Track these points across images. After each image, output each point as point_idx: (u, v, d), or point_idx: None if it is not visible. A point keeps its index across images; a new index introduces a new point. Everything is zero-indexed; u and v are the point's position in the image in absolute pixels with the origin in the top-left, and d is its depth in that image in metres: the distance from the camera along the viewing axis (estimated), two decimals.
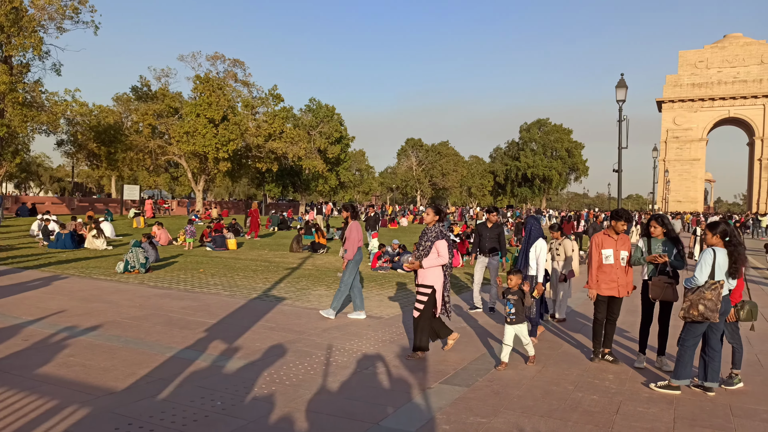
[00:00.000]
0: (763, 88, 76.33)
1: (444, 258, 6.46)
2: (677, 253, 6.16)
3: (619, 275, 6.40)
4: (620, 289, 6.40)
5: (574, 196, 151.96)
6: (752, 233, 40.87)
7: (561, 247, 9.06)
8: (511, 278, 6.27)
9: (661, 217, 6.37)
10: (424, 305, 6.46)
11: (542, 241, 7.35)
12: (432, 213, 6.65)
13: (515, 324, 6.13)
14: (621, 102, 21.90)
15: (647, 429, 4.47)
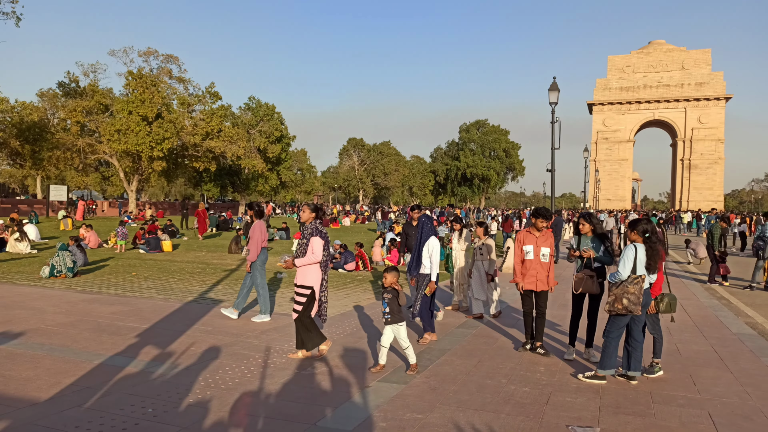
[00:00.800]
0: (684, 93, 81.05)
1: (317, 256, 6.26)
2: (604, 249, 6.43)
3: (538, 270, 6.66)
4: (538, 283, 6.65)
5: (512, 195, 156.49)
6: (675, 229, 43.35)
7: (484, 246, 9.09)
8: (386, 276, 6.04)
9: (589, 215, 6.64)
10: (302, 306, 6.29)
11: (435, 239, 7.21)
12: (308, 210, 6.50)
13: (392, 324, 5.89)
14: (553, 104, 22.69)
15: (574, 418, 4.68)
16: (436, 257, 7.13)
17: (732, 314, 9.77)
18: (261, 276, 8.50)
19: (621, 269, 5.57)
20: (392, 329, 5.89)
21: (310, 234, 6.34)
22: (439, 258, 7.31)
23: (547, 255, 6.69)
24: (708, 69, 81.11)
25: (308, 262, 6.29)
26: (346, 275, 14.17)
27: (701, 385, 5.64)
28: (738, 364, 6.46)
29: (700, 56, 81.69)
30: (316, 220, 6.49)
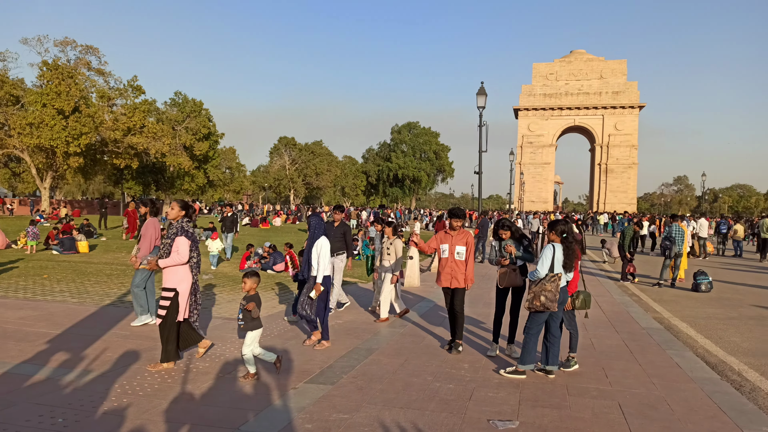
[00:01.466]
0: (602, 101, 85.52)
1: (183, 256, 5.88)
2: (524, 249, 6.72)
3: (453, 268, 6.81)
4: (453, 281, 6.80)
5: (442, 196, 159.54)
6: (592, 230, 45.71)
7: (392, 246, 8.98)
8: (245, 282, 5.65)
9: (504, 222, 6.89)
10: (166, 311, 5.86)
11: (324, 239, 6.99)
12: (177, 207, 6.07)
13: (249, 331, 5.53)
14: (481, 108, 23.33)
15: (495, 412, 4.83)
16: (324, 258, 6.85)
17: (641, 310, 10.40)
18: (141, 276, 8.00)
19: (540, 268, 5.81)
20: (252, 336, 5.54)
21: (175, 233, 5.91)
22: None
23: (463, 253, 6.82)
24: (624, 79, 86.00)
25: (173, 263, 5.88)
26: (274, 276, 13.95)
27: (613, 378, 5.97)
28: (646, 357, 6.89)
29: (616, 66, 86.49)
30: (185, 219, 6.08)
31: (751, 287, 14.01)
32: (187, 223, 6.07)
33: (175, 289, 5.91)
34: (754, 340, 8.07)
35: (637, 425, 4.60)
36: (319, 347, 6.93)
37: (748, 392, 5.65)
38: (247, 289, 5.68)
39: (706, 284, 12.91)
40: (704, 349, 7.49)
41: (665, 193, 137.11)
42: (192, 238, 6.02)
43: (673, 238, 13.94)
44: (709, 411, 4.97)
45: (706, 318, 9.79)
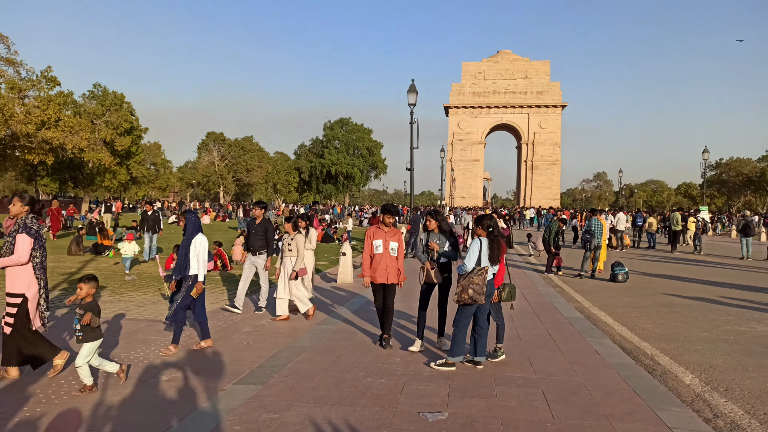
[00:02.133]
0: (528, 100, 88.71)
1: (22, 256, 5.26)
2: (450, 245, 6.77)
3: (388, 264, 6.84)
4: (389, 276, 6.83)
5: (375, 192, 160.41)
6: (519, 224, 47.37)
7: (293, 242, 8.61)
8: (81, 287, 5.17)
9: (435, 213, 6.96)
10: (14, 318, 5.29)
11: (201, 236, 6.68)
12: (19, 203, 5.45)
13: (86, 342, 5.04)
14: (412, 105, 23.59)
15: (426, 404, 4.91)
16: (203, 256, 6.57)
17: (564, 300, 10.88)
18: None
19: (467, 262, 5.95)
20: (89, 347, 5.05)
21: (16, 230, 5.33)
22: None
23: (396, 249, 6.89)
24: (547, 79, 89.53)
25: (11, 264, 5.27)
26: None
27: (537, 366, 6.21)
28: (568, 345, 7.21)
29: (540, 67, 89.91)
30: (29, 215, 5.47)
31: (662, 277, 14.96)
32: (32, 219, 5.45)
33: (22, 293, 5.32)
34: (665, 327, 8.62)
35: (559, 410, 4.81)
36: (198, 347, 6.67)
37: (660, 375, 6.03)
38: (82, 295, 5.15)
39: (623, 275, 13.67)
40: (621, 336, 7.92)
41: (586, 188, 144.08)
42: (35, 236, 5.38)
43: (593, 231, 14.67)
44: (625, 394, 5.27)
45: (622, 306, 10.37)
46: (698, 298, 11.28)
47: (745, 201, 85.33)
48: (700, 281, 14.08)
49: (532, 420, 4.58)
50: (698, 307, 10.25)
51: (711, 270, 16.93)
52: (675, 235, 24.60)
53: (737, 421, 4.69)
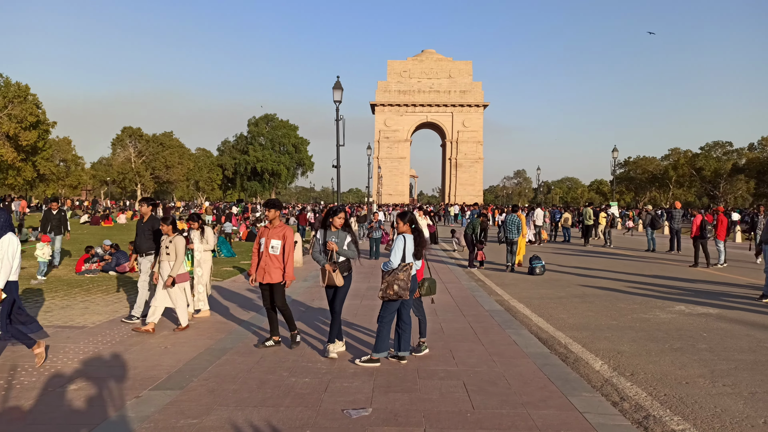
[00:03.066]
0: (451, 99, 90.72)
1: None
2: (350, 243, 6.40)
3: (267, 263, 6.61)
4: (266, 276, 6.59)
5: (302, 190, 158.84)
6: (443, 221, 48.44)
7: (172, 245, 7.64)
8: None
9: (339, 209, 6.51)
10: None
11: (11, 236, 5.79)
12: None
13: None
14: (338, 102, 23.53)
15: (350, 401, 4.91)
16: (8, 260, 5.67)
17: (486, 294, 11.23)
18: None
19: (393, 258, 6.01)
20: None
21: None
22: None
23: (278, 247, 6.61)
24: (470, 79, 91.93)
25: None
26: (118, 278, 12.89)
27: (459, 358, 6.37)
28: (488, 337, 7.45)
29: (463, 67, 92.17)
30: None
31: (576, 269, 15.77)
32: None
33: None
34: (578, 316, 9.08)
35: (479, 401, 4.95)
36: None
37: (572, 363, 6.35)
38: None
39: (540, 268, 14.28)
40: (537, 327, 8.27)
41: (507, 185, 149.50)
42: None
43: (509, 226, 15.24)
44: (540, 382, 5.51)
45: (539, 298, 10.83)
46: (608, 289, 11.98)
47: (651, 197, 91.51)
48: (610, 272, 14.96)
49: (453, 411, 4.69)
50: (608, 297, 10.88)
51: (620, 262, 18.03)
52: (587, 229, 26.01)
53: (641, 403, 5.01)
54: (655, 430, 4.40)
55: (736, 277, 14.26)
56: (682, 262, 17.83)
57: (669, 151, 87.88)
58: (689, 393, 5.27)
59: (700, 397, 5.14)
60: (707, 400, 5.08)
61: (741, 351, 6.81)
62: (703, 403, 5.00)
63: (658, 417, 4.65)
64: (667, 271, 15.53)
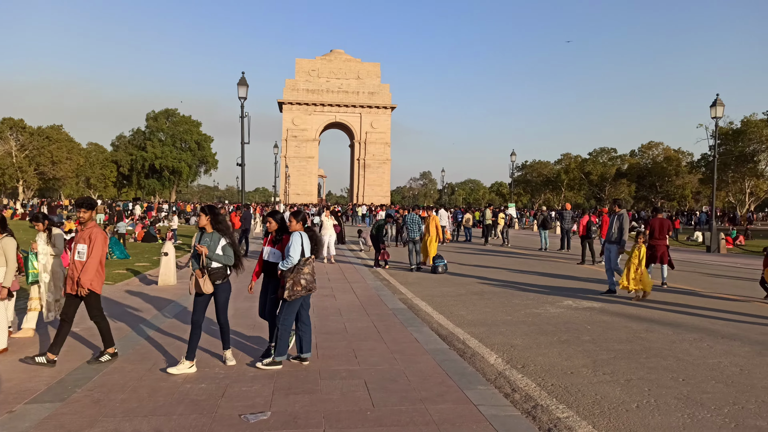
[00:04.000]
0: (360, 100, 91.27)
1: None
2: (225, 245, 5.88)
3: (73, 270, 5.94)
4: (73, 285, 5.91)
5: (205, 188, 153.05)
6: (351, 221, 48.65)
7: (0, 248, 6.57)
8: None
9: (210, 208, 6.05)
10: None
11: None
12: None
13: None
14: (243, 99, 22.95)
15: (248, 406, 4.79)
16: None
17: (390, 293, 11.39)
18: None
19: (293, 255, 5.87)
20: None
21: None
22: None
23: (84, 253, 5.92)
24: (378, 80, 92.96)
25: None
26: None
27: (361, 357, 6.41)
28: (390, 335, 7.56)
29: (371, 69, 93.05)
30: None
31: (476, 267, 16.41)
32: None
33: None
34: (476, 313, 9.45)
35: (379, 398, 5.01)
36: None
37: (469, 357, 6.59)
38: None
39: (443, 266, 14.72)
40: (438, 324, 8.51)
41: (413, 186, 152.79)
42: None
43: (410, 226, 15.60)
44: (439, 378, 5.67)
45: (441, 296, 11.15)
46: (504, 285, 12.57)
47: (545, 198, 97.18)
48: (507, 270, 15.71)
49: (353, 410, 4.71)
50: (504, 294, 11.42)
51: (516, 260, 18.99)
52: (486, 228, 27.17)
53: (530, 394, 5.30)
54: (542, 418, 4.67)
55: None
56: (571, 259, 19.09)
57: (561, 156, 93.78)
58: (573, 382, 5.65)
59: (583, 386, 5.53)
60: (589, 388, 5.47)
61: (620, 342, 7.39)
62: (585, 391, 5.38)
63: (545, 406, 4.94)
64: (558, 268, 16.55)
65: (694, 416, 4.73)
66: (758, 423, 4.59)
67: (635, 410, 4.86)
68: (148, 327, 7.92)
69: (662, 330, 8.09)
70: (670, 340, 7.46)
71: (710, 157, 46.51)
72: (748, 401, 5.10)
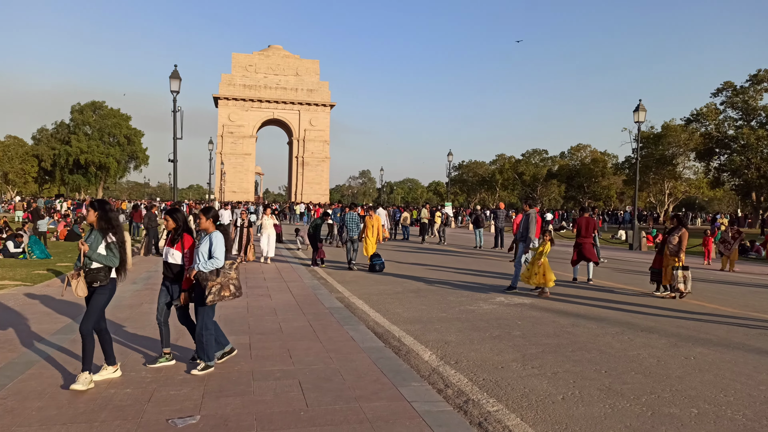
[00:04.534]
0: (298, 97, 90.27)
1: None
2: (106, 246, 5.34)
3: None
4: None
5: (135, 185, 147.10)
6: (289, 219, 48.07)
7: None
8: None
9: (99, 203, 5.55)
10: None
11: None
12: None
13: None
14: (175, 93, 22.20)
15: (176, 410, 4.63)
16: None
17: (327, 291, 11.33)
18: None
19: (219, 256, 5.67)
20: None
21: None
22: None
23: None
24: (317, 78, 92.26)
25: None
26: None
27: (296, 357, 6.34)
28: (326, 334, 7.52)
29: (310, 65, 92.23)
30: None
31: (413, 265, 16.60)
32: None
33: None
34: (412, 310, 9.55)
35: (313, 398, 4.97)
36: None
37: (404, 355, 6.66)
38: None
39: (380, 265, 14.79)
40: (374, 322, 8.54)
41: (352, 185, 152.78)
42: None
43: (349, 225, 15.60)
44: (374, 375, 5.69)
45: (378, 294, 11.20)
46: (440, 283, 12.78)
47: (481, 198, 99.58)
48: (443, 268, 15.98)
49: (286, 411, 4.65)
50: (439, 291, 11.61)
51: (452, 258, 19.35)
52: (423, 227, 27.55)
53: (462, 388, 5.41)
54: (473, 412, 4.77)
55: None
56: (505, 257, 19.64)
57: (496, 156, 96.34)
58: (504, 376, 5.82)
59: (513, 380, 5.70)
60: (518, 381, 5.65)
61: (548, 336, 7.67)
62: (514, 384, 5.55)
63: (476, 400, 5.06)
64: (492, 266, 16.99)
65: (614, 406, 4.97)
66: (671, 410, 4.88)
67: (561, 402, 5.06)
68: (69, 331, 7.50)
69: (587, 324, 8.47)
70: (594, 334, 7.82)
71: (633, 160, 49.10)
72: (663, 390, 5.42)
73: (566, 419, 4.65)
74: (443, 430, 4.33)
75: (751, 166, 54.03)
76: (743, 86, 54.57)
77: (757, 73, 53.18)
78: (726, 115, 56.58)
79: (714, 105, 56.66)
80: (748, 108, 54.48)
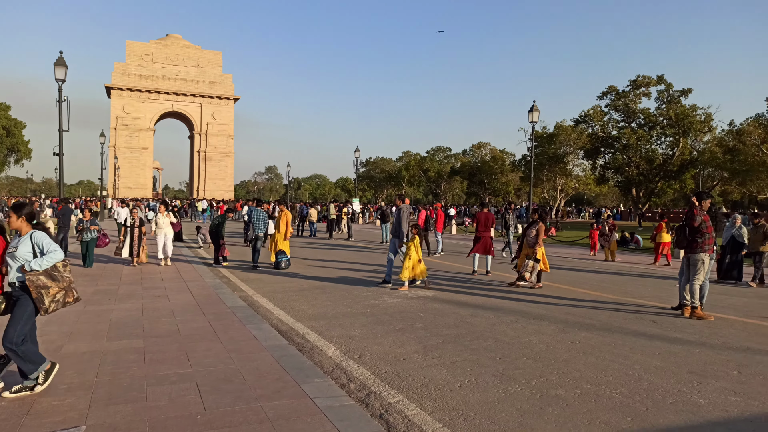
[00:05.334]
0: (200, 89, 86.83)
1: None
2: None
3: None
4: None
5: (16, 180, 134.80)
6: (190, 216, 46.16)
7: None
8: None
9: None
10: None
11: None
12: None
13: None
14: (61, 81, 20.63)
15: (59, 421, 4.29)
16: None
17: (230, 290, 11.01)
18: None
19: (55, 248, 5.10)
20: None
21: None
22: None
23: None
24: (220, 70, 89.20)
25: None
26: None
27: (194, 360, 6.11)
28: (228, 334, 7.31)
29: (213, 57, 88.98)
30: None
31: (320, 261, 16.54)
32: None
33: None
34: (317, 307, 9.52)
35: (211, 401, 4.82)
36: None
37: (308, 351, 6.63)
38: None
39: (285, 262, 14.60)
40: (278, 319, 8.43)
41: (258, 180, 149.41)
42: None
43: (256, 221, 15.27)
44: (276, 374, 5.61)
45: (282, 291, 11.06)
46: (346, 278, 12.84)
47: (388, 194, 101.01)
48: (349, 263, 16.06)
49: (182, 416, 4.48)
50: (345, 287, 11.66)
51: (358, 253, 19.49)
52: (331, 223, 27.53)
53: (365, 382, 5.48)
54: (374, 405, 4.85)
55: (450, 264, 16.63)
56: None
57: (402, 153, 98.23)
58: (405, 368, 5.96)
59: (414, 371, 5.85)
60: (419, 372, 5.81)
61: (448, 327, 7.95)
62: (415, 375, 5.70)
63: (378, 393, 5.15)
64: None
65: (507, 390, 5.25)
66: (558, 392, 5.23)
67: (458, 389, 5.27)
68: None
69: (485, 314, 8.87)
70: (491, 323, 8.21)
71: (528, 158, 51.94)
72: (551, 374, 5.80)
73: (462, 406, 4.85)
74: (345, 425, 4.36)
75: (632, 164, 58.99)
76: (625, 90, 59.45)
77: (636, 78, 58.18)
78: (610, 117, 61.40)
79: (599, 107, 61.29)
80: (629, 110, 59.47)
